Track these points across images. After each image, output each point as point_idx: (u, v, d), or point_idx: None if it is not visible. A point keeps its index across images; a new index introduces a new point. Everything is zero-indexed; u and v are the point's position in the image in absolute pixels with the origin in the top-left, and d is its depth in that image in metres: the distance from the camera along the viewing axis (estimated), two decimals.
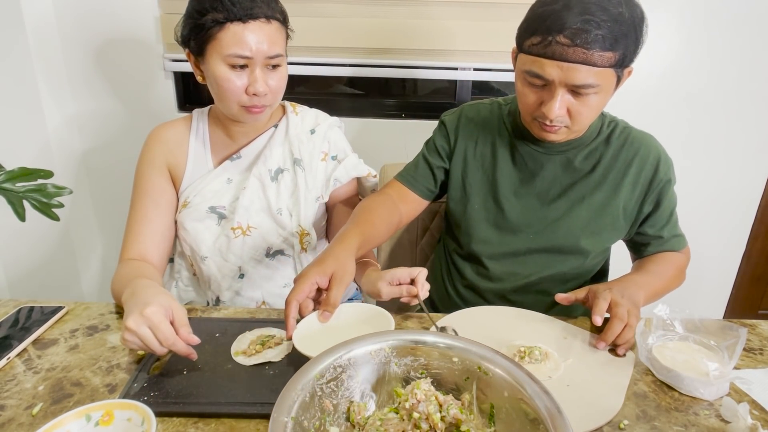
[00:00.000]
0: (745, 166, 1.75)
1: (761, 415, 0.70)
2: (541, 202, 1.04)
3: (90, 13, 1.56)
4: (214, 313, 0.92)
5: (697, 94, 1.66)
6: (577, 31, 0.81)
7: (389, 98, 1.78)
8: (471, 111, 1.12)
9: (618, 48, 0.83)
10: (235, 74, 0.95)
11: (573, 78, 0.84)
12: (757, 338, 0.89)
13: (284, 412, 0.52)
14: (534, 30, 0.85)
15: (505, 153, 1.06)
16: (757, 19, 1.58)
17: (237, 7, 0.91)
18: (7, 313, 0.89)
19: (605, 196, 1.02)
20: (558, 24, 0.82)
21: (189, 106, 1.70)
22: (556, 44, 0.82)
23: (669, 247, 1.06)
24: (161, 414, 0.65)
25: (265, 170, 1.08)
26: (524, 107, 0.94)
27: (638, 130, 1.05)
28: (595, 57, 0.82)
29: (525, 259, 1.06)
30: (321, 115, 1.17)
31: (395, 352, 0.64)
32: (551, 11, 0.83)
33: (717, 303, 1.98)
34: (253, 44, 0.93)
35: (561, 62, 0.83)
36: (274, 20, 0.95)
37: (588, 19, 0.80)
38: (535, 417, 0.54)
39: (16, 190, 0.87)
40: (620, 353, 0.81)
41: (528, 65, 0.88)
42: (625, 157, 1.02)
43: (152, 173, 1.07)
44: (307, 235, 1.10)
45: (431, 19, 1.56)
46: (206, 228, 1.06)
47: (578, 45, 0.81)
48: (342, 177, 1.13)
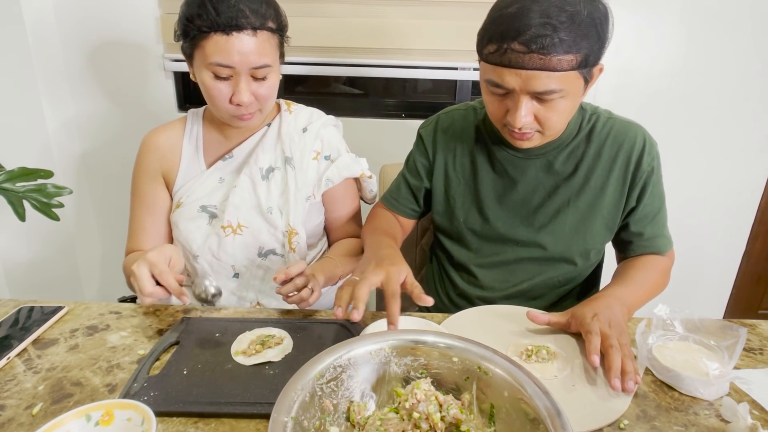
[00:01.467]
0: (745, 166, 1.75)
1: (761, 415, 0.70)
2: (525, 209, 1.02)
3: (90, 13, 1.56)
4: (214, 313, 0.92)
5: (696, 94, 1.66)
6: (532, 36, 0.77)
7: (389, 98, 1.78)
8: (446, 120, 1.09)
9: (579, 49, 0.79)
10: (220, 82, 0.95)
11: (533, 85, 0.81)
12: (757, 338, 0.89)
13: (284, 412, 0.52)
14: (490, 37, 0.82)
15: (484, 161, 1.04)
16: (757, 19, 1.58)
17: (222, 18, 0.90)
18: (7, 313, 0.89)
19: (592, 197, 0.99)
20: (512, 30, 0.78)
21: (189, 106, 1.70)
22: (511, 52, 0.79)
23: (652, 247, 1.02)
24: (161, 414, 0.65)
25: (256, 169, 1.08)
26: (492, 116, 0.92)
27: (622, 120, 1.01)
28: (553, 62, 0.78)
29: (514, 267, 1.05)
30: (315, 113, 1.16)
31: (395, 352, 0.64)
32: (505, 16, 0.80)
33: (717, 303, 1.98)
34: (236, 56, 0.92)
35: (519, 70, 0.80)
36: (263, 30, 0.94)
37: (543, 22, 0.77)
38: (535, 417, 0.54)
39: (16, 190, 0.87)
40: (629, 388, 0.71)
41: (488, 74, 0.85)
42: (609, 154, 0.98)
43: (146, 181, 1.10)
44: (296, 234, 1.09)
45: (431, 19, 1.56)
46: (197, 227, 1.07)
47: (534, 51, 0.77)
48: (334, 177, 1.12)
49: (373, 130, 1.71)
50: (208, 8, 0.90)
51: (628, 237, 1.03)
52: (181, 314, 0.91)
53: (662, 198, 1.02)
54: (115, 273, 1.87)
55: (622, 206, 1.00)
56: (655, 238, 1.02)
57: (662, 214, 1.02)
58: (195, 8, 0.92)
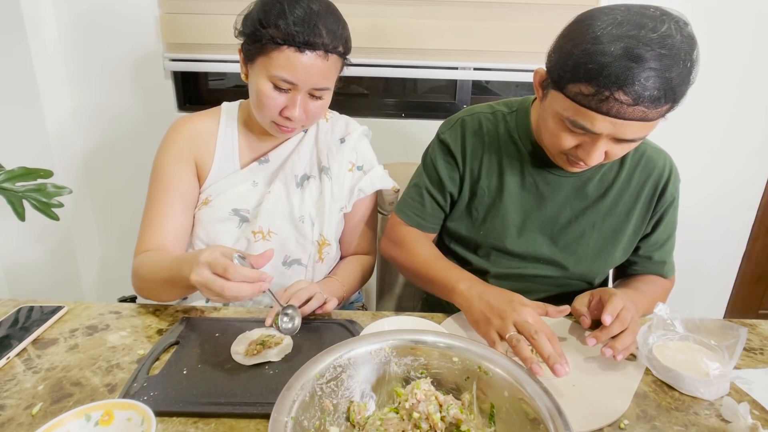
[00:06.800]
0: (745, 166, 1.75)
1: (761, 415, 0.70)
2: (551, 228, 0.98)
3: (90, 13, 1.56)
4: (214, 313, 0.92)
5: (696, 94, 1.65)
6: (643, 88, 0.69)
7: (389, 98, 1.78)
8: (473, 123, 1.01)
9: (678, 98, 0.73)
10: (277, 93, 0.92)
11: (624, 133, 0.75)
12: (758, 338, 0.89)
13: (284, 412, 0.52)
14: (586, 78, 0.72)
15: (513, 174, 0.98)
16: (757, 19, 1.58)
17: (299, 35, 0.87)
18: (7, 312, 0.89)
19: (617, 222, 0.97)
20: (620, 79, 0.69)
21: (189, 106, 1.70)
22: (614, 101, 0.71)
23: (657, 271, 1.02)
24: (161, 414, 0.65)
25: (291, 176, 1.06)
26: (555, 146, 0.85)
27: (653, 147, 0.99)
28: (653, 114, 0.73)
29: (531, 282, 1.02)
30: (351, 123, 1.15)
31: (395, 352, 0.64)
32: (609, 59, 0.70)
33: (717, 303, 1.98)
34: (303, 74, 0.90)
35: (615, 119, 0.73)
36: (333, 54, 0.92)
37: (653, 73, 0.69)
38: (536, 417, 0.54)
39: (16, 190, 0.87)
40: (617, 358, 0.75)
41: (571, 113, 0.77)
42: (638, 181, 0.96)
43: (179, 166, 1.02)
44: (328, 245, 1.07)
45: (431, 19, 1.56)
46: (226, 230, 1.03)
47: (641, 104, 0.70)
48: (367, 188, 1.10)
49: (373, 129, 1.68)
50: (287, 20, 0.87)
51: (635, 259, 1.03)
52: (180, 314, 0.91)
53: (675, 226, 1.02)
54: (115, 273, 1.87)
55: (641, 232, 1.00)
56: (662, 264, 1.03)
57: (671, 242, 1.03)
58: (273, 16, 0.88)
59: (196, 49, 1.58)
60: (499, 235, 1.00)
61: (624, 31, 0.70)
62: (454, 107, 1.72)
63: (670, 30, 0.70)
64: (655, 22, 0.71)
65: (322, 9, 0.91)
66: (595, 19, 0.74)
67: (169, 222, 1.00)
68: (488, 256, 1.02)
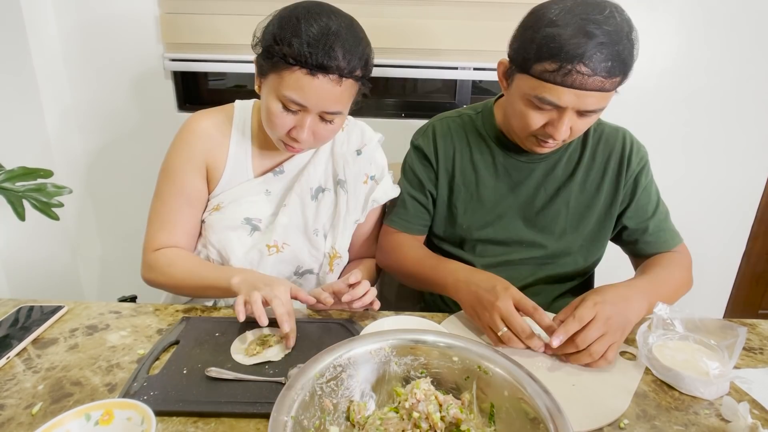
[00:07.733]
0: (745, 166, 1.75)
1: (761, 415, 0.70)
2: (528, 211, 1.05)
3: (90, 14, 1.56)
4: (214, 313, 0.92)
5: (696, 94, 1.66)
6: (598, 60, 0.79)
7: (389, 98, 1.78)
8: (442, 127, 1.08)
9: (627, 70, 0.83)
10: (286, 114, 0.89)
11: (586, 104, 0.83)
12: (757, 338, 0.89)
13: (284, 412, 0.52)
14: (549, 56, 0.81)
15: (486, 167, 1.05)
16: (756, 19, 1.58)
17: (312, 57, 0.82)
18: (7, 312, 0.89)
19: (588, 197, 1.03)
20: (578, 52, 0.79)
21: (189, 106, 1.70)
22: (576, 73, 0.80)
23: (660, 241, 1.04)
24: (161, 413, 0.65)
25: (306, 188, 1.05)
26: (525, 127, 0.91)
27: (610, 126, 1.06)
28: (609, 84, 0.82)
29: (518, 266, 1.06)
30: (367, 132, 1.12)
31: (395, 352, 0.64)
32: (567, 37, 0.80)
33: (717, 303, 1.98)
34: (313, 98, 0.86)
35: (578, 90, 0.82)
36: (348, 79, 0.87)
37: (604, 47, 0.79)
38: (535, 416, 0.54)
39: (16, 190, 0.87)
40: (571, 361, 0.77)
41: (538, 91, 0.85)
42: (601, 158, 1.03)
43: (189, 171, 1.00)
44: (339, 257, 1.07)
45: (431, 19, 1.56)
46: (238, 238, 1.01)
47: (598, 74, 0.80)
48: (380, 198, 1.09)
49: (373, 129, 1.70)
50: (302, 40, 0.82)
51: (633, 235, 1.05)
52: (181, 314, 0.91)
53: (656, 193, 1.05)
54: (115, 273, 1.87)
55: (617, 204, 1.04)
56: (659, 232, 1.04)
57: (661, 209, 1.05)
58: (288, 34, 0.83)
59: (195, 49, 1.58)
60: (481, 225, 1.06)
61: (576, 14, 0.81)
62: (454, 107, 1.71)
63: (612, 13, 0.82)
64: (599, 7, 0.82)
65: (342, 28, 0.85)
66: (549, 8, 0.84)
67: (180, 223, 1.01)
68: (474, 248, 1.08)
